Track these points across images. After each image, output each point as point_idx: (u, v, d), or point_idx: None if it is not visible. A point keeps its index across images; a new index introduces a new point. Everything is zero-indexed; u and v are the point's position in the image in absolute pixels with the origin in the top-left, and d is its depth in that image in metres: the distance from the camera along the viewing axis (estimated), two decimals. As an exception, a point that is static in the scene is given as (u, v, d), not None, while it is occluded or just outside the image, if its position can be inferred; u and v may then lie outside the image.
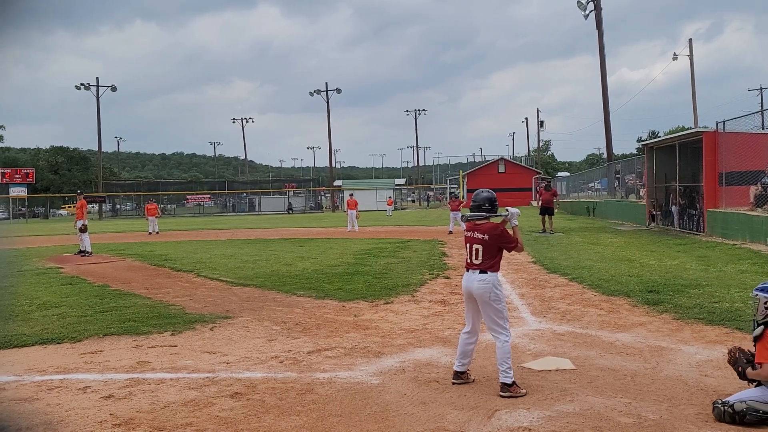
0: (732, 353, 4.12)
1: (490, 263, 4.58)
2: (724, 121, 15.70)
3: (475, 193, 4.86)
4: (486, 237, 4.59)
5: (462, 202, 22.93)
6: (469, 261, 4.69)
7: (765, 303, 3.95)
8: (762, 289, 4.03)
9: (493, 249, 4.60)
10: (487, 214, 4.70)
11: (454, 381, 4.73)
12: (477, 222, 4.69)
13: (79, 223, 16.07)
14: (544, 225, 19.88)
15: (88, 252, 15.72)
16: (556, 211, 20.93)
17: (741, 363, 4.02)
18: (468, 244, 4.71)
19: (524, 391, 4.42)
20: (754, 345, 4.03)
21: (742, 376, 4.01)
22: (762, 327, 3.93)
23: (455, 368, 4.78)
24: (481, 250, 4.60)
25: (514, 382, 4.41)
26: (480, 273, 4.57)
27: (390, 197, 49.18)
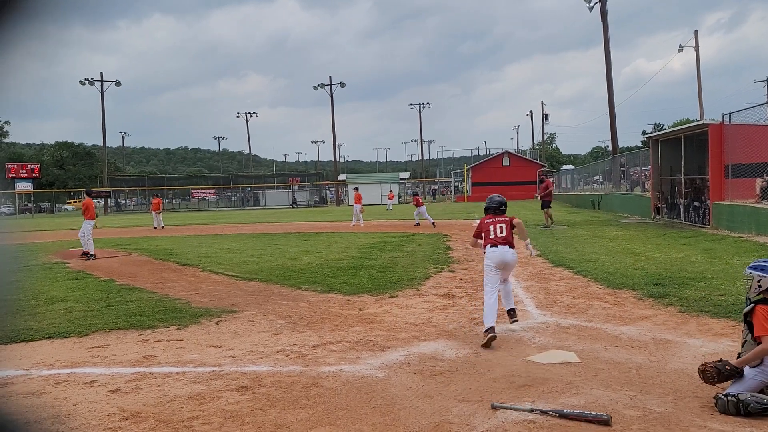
0: (706, 366, 4.06)
1: (511, 239, 6.03)
2: (730, 114, 15.61)
3: (489, 198, 6.40)
4: (506, 219, 6.12)
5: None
6: (493, 237, 6.01)
7: (759, 281, 4.00)
8: (755, 267, 4.08)
9: (509, 228, 6.09)
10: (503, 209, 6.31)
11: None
12: (496, 215, 6.19)
13: (91, 224, 15.14)
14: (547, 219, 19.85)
15: (91, 255, 14.72)
16: (544, 201, 20.45)
17: (725, 366, 3.98)
18: (492, 226, 6.07)
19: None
20: (744, 323, 4.09)
21: (730, 374, 3.96)
22: (753, 305, 3.97)
23: (490, 325, 5.65)
24: (505, 227, 6.05)
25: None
26: (510, 248, 5.98)
27: (390, 191, 49.00)
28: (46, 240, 20.81)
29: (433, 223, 21.36)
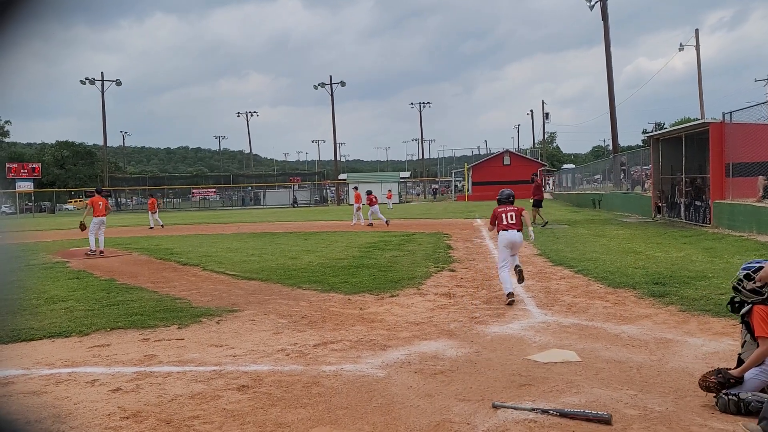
0: (708, 381, 3.98)
1: (519, 225, 7.74)
2: (731, 112, 15.61)
3: (501, 191, 8.08)
4: (516, 209, 7.83)
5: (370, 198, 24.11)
6: (505, 223, 7.72)
7: (753, 283, 3.98)
8: (748, 269, 4.07)
9: (518, 216, 7.79)
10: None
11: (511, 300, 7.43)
12: (507, 205, 7.91)
13: (94, 221, 15.18)
14: (541, 217, 20.23)
15: (92, 251, 14.97)
16: (536, 200, 21.20)
17: (728, 380, 3.92)
18: (504, 214, 7.77)
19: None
20: (742, 323, 4.09)
21: (732, 385, 3.90)
22: (750, 305, 3.97)
23: (509, 291, 7.50)
24: (515, 215, 7.76)
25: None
26: (517, 232, 7.71)
27: (389, 190, 49.05)
28: (46, 239, 20.82)
29: (387, 221, 22.34)
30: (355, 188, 27.84)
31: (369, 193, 24.00)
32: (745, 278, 4.06)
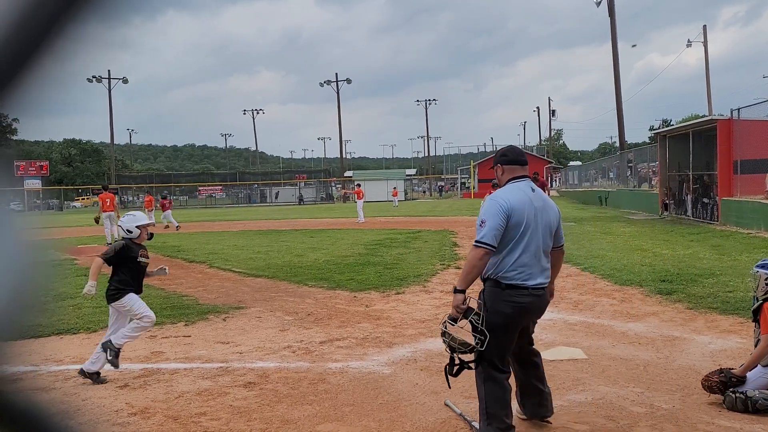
0: (711, 381, 3.95)
1: None
2: (738, 109, 15.49)
3: (493, 181, 9.52)
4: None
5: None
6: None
7: (766, 279, 3.97)
8: (762, 266, 4.05)
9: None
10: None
11: None
12: (495, 188, 9.69)
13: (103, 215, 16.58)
14: None
15: (108, 243, 16.04)
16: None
17: (730, 379, 3.88)
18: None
19: None
20: (754, 321, 4.08)
21: (736, 385, 3.85)
22: (761, 302, 3.95)
23: None
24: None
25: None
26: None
27: (395, 188, 49.09)
28: (54, 237, 20.93)
29: (177, 227, 23.06)
30: (358, 185, 28.16)
31: (164, 197, 24.90)
32: None
